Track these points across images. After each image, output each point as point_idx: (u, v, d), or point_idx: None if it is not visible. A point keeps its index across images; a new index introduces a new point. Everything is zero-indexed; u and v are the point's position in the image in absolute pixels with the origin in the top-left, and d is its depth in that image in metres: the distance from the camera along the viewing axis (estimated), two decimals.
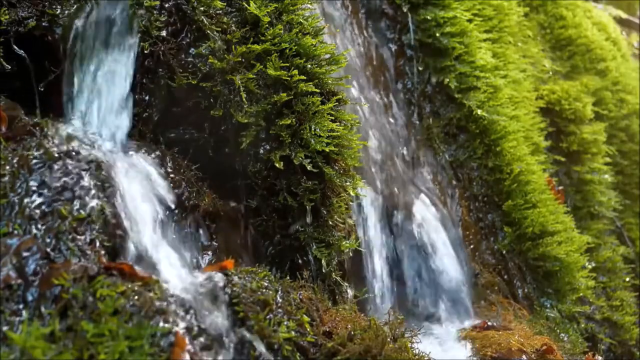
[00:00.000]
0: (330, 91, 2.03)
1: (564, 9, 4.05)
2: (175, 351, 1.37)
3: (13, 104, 1.79)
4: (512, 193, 2.91)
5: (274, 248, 2.00)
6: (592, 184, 3.57)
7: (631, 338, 3.12)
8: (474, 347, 2.22)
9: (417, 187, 2.75)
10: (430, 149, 2.94)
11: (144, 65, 1.89)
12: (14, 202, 1.53)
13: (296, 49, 1.96)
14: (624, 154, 3.94)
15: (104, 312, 1.37)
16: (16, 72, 1.85)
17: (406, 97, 2.99)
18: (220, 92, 1.90)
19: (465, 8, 3.08)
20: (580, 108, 3.64)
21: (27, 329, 1.35)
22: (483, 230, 2.88)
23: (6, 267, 1.43)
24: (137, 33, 1.85)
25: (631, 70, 4.24)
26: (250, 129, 1.91)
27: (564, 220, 2.99)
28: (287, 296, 1.66)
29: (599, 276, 3.26)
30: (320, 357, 1.59)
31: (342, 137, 1.98)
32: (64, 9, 1.87)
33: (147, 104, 1.91)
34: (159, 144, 1.91)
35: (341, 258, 2.09)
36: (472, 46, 3.01)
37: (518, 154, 2.97)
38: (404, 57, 3.03)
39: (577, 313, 2.91)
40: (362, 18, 3.00)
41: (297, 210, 1.97)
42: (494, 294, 2.70)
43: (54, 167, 1.60)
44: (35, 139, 1.66)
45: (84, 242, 1.54)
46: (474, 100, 2.95)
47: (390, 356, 1.63)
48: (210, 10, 1.93)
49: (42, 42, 1.87)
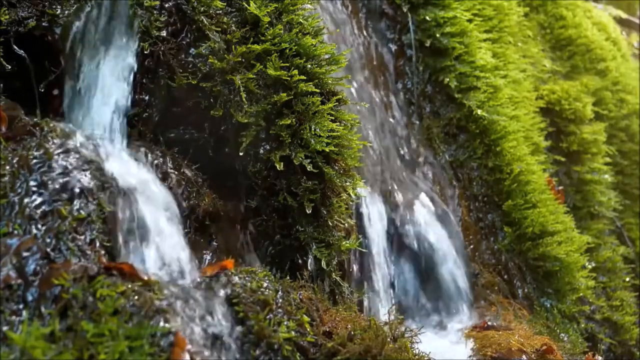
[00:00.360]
0: (330, 91, 2.03)
1: (564, 9, 4.05)
2: (175, 351, 1.37)
3: (13, 104, 1.78)
4: (512, 193, 2.91)
5: (274, 248, 2.00)
6: (592, 184, 3.57)
7: (631, 338, 3.12)
8: (474, 347, 2.22)
9: (417, 187, 2.75)
10: (430, 149, 2.94)
11: (144, 65, 1.89)
12: (14, 202, 1.53)
13: (296, 49, 1.96)
14: (624, 154, 3.94)
15: (104, 312, 1.37)
16: (16, 72, 1.85)
17: (406, 97, 2.99)
18: (220, 92, 1.90)
19: (465, 8, 3.09)
20: (580, 108, 3.64)
21: (27, 329, 1.35)
22: (483, 230, 2.88)
23: (6, 267, 1.43)
24: (137, 33, 1.85)
25: (631, 70, 4.24)
26: (250, 129, 1.91)
27: (564, 220, 2.99)
28: (287, 296, 1.66)
29: (599, 276, 3.26)
30: (320, 357, 1.59)
31: (342, 137, 1.98)
32: (64, 9, 1.87)
33: (147, 104, 1.91)
34: (159, 144, 1.91)
35: (341, 258, 2.09)
36: (472, 46, 3.01)
37: (518, 154, 2.97)
38: (404, 57, 3.03)
39: (577, 313, 2.91)
40: (362, 18, 3.01)
41: (297, 210, 1.97)
42: (494, 294, 2.70)
43: (54, 167, 1.60)
44: (35, 139, 1.66)
45: (84, 242, 1.54)
46: (474, 100, 2.95)
47: (390, 356, 1.63)
48: (210, 10, 1.93)
49: (42, 42, 1.86)
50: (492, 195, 2.93)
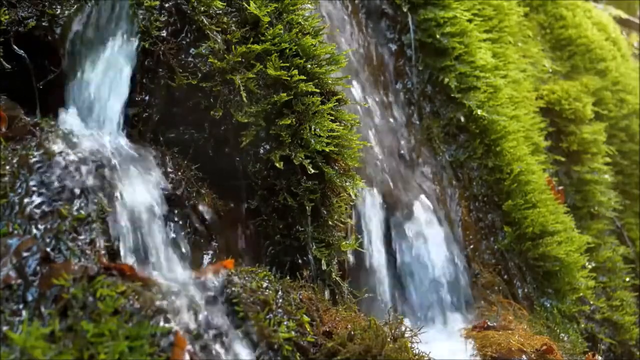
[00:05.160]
0: (330, 91, 2.03)
1: (564, 9, 4.05)
2: (175, 351, 1.37)
3: (13, 104, 1.79)
4: (512, 193, 2.91)
5: (274, 248, 2.00)
6: (592, 184, 3.57)
7: (631, 338, 3.12)
8: (474, 347, 2.22)
9: (417, 187, 2.74)
10: (430, 149, 2.94)
11: (144, 65, 1.89)
12: (14, 202, 1.53)
13: (296, 49, 1.96)
14: (624, 154, 3.94)
15: (104, 312, 1.37)
16: (16, 72, 1.86)
17: (406, 97, 2.99)
18: (220, 92, 1.90)
19: (465, 8, 3.09)
20: (580, 108, 3.64)
21: (27, 329, 1.35)
22: (483, 230, 2.88)
23: (6, 267, 1.43)
24: (137, 33, 1.85)
25: (631, 70, 4.24)
26: (250, 128, 1.91)
27: (564, 220, 2.99)
28: (287, 296, 1.66)
29: (599, 276, 3.25)
30: (320, 357, 1.59)
31: (342, 137, 1.98)
32: (64, 9, 1.87)
33: (147, 104, 1.91)
34: (159, 144, 1.91)
35: (341, 258, 2.09)
36: (472, 46, 3.01)
37: (518, 154, 2.97)
38: (404, 57, 3.03)
39: (577, 313, 2.91)
40: (362, 18, 3.01)
41: (297, 210, 1.97)
42: (494, 294, 2.70)
43: (54, 167, 1.60)
44: (35, 139, 1.66)
45: (84, 242, 1.54)
46: (474, 100, 2.95)
47: (390, 356, 1.63)
48: (210, 10, 1.93)
49: (42, 42, 1.87)
50: (492, 195, 2.93)
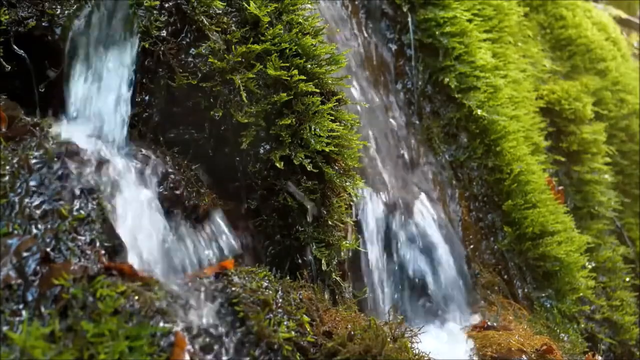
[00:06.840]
0: (330, 91, 2.03)
1: (564, 9, 4.05)
2: (175, 351, 1.37)
3: (13, 104, 1.79)
4: (512, 193, 2.91)
5: (274, 248, 2.00)
6: (592, 184, 3.57)
7: (631, 338, 3.12)
8: (473, 347, 2.22)
9: (417, 187, 2.75)
10: (430, 149, 2.94)
11: (144, 65, 1.89)
12: (14, 202, 1.53)
13: (296, 49, 1.96)
14: (624, 154, 3.93)
15: (104, 312, 1.37)
16: (16, 72, 1.86)
17: (406, 97, 2.99)
18: (220, 92, 1.90)
19: (465, 8, 3.08)
20: (580, 108, 3.63)
21: (27, 329, 1.35)
22: (483, 230, 2.88)
23: (6, 267, 1.43)
24: (137, 33, 1.85)
25: (631, 70, 4.24)
26: (250, 129, 1.91)
27: (564, 220, 2.99)
28: (287, 296, 1.66)
29: (599, 276, 3.25)
30: (320, 357, 1.59)
31: (342, 137, 1.99)
32: (64, 9, 1.87)
33: (147, 104, 1.91)
34: (159, 144, 1.91)
35: (341, 258, 2.09)
36: (472, 46, 3.01)
37: (518, 154, 2.97)
38: (404, 57, 3.03)
39: (577, 313, 2.91)
40: (362, 18, 3.01)
41: (297, 210, 1.97)
42: (494, 294, 2.70)
43: (54, 167, 1.60)
44: (35, 139, 1.66)
45: (84, 242, 1.54)
46: (474, 100, 2.95)
47: (390, 356, 1.63)
48: (210, 11, 1.93)
49: (42, 42, 1.87)
50: (492, 195, 2.93)
